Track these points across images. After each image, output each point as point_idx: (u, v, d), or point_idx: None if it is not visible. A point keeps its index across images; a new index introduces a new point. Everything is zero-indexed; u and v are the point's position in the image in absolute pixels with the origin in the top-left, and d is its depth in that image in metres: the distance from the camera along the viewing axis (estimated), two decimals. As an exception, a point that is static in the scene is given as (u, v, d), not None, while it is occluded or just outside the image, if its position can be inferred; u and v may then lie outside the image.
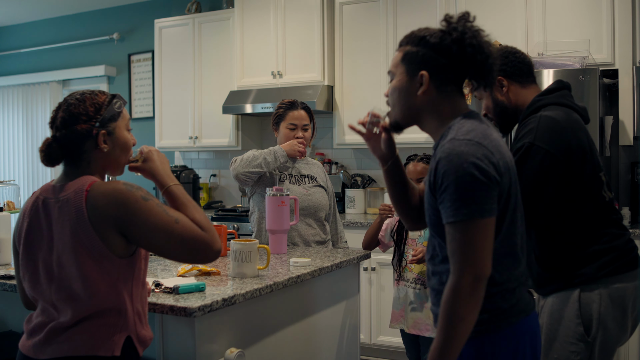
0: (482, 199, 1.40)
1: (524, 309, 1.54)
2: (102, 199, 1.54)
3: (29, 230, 1.63)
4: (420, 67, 1.54)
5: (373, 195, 4.71)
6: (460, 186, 1.40)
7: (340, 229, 3.20)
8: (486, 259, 1.41)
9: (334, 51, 4.65)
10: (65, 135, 1.61)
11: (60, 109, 1.64)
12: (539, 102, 2.03)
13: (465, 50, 1.50)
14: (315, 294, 2.42)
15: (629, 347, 3.47)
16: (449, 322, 1.41)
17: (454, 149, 1.43)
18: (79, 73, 6.31)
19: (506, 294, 1.51)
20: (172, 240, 1.55)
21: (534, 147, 1.90)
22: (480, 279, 1.41)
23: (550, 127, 1.93)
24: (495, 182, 1.43)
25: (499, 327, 1.50)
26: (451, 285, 1.42)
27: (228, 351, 1.89)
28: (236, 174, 2.88)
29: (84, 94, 1.65)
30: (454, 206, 1.41)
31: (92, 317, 1.56)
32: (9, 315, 2.29)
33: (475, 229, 1.40)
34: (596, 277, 1.96)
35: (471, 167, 1.40)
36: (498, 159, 1.45)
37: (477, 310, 1.42)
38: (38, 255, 1.61)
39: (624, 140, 3.78)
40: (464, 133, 1.47)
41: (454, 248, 1.43)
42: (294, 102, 3.04)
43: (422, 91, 1.55)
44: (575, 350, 1.96)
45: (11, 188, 4.12)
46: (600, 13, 3.77)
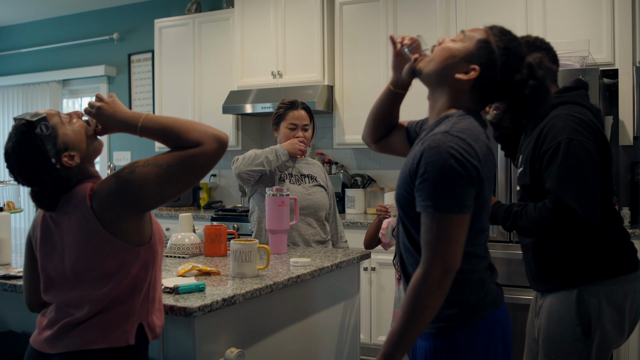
0: (463, 196, 1.44)
1: (492, 302, 1.58)
2: (105, 198, 1.55)
3: (42, 240, 1.65)
4: (480, 62, 1.54)
5: (373, 195, 4.71)
6: (444, 180, 1.43)
7: (340, 229, 3.20)
8: (457, 253, 1.45)
9: (334, 51, 4.65)
10: (39, 185, 1.59)
11: (13, 167, 1.59)
12: (556, 99, 2.03)
13: (521, 89, 1.53)
14: (315, 294, 2.42)
15: (629, 347, 3.47)
16: (413, 310, 1.44)
17: (445, 143, 1.45)
18: (79, 73, 6.31)
19: (473, 287, 1.56)
20: (179, 180, 1.53)
21: (573, 141, 1.90)
22: (450, 271, 1.44)
23: (580, 124, 1.94)
24: (476, 183, 1.47)
25: (470, 321, 1.54)
26: (420, 273, 1.45)
27: (228, 351, 1.89)
28: (238, 173, 2.88)
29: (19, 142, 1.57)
30: (435, 197, 1.44)
31: (105, 310, 1.57)
32: (9, 315, 2.29)
33: (452, 223, 1.44)
34: (595, 278, 1.97)
35: (457, 164, 1.43)
36: (483, 165, 1.48)
37: (440, 301, 1.45)
38: (49, 265, 1.63)
39: (624, 140, 3.78)
40: (459, 130, 1.48)
41: (428, 238, 1.45)
42: (294, 102, 3.04)
43: (459, 76, 1.55)
44: (573, 350, 1.96)
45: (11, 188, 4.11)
46: (600, 13, 3.78)
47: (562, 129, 1.92)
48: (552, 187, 1.89)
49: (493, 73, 1.53)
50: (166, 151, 1.57)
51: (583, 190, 1.86)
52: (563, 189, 1.87)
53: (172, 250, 2.66)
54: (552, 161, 1.91)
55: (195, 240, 2.69)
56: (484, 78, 1.54)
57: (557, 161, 1.89)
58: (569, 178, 1.87)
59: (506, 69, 1.53)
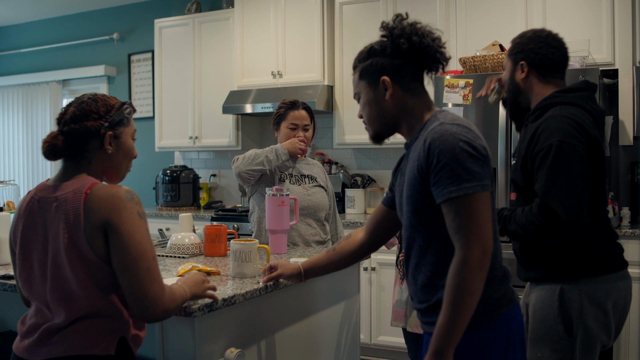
0: (480, 174, 1.46)
1: (511, 298, 1.60)
2: (99, 202, 1.53)
3: (24, 230, 1.62)
4: (379, 75, 1.63)
5: (373, 195, 4.71)
6: (460, 162, 1.45)
7: (340, 229, 3.20)
8: (490, 232, 1.46)
9: (334, 51, 4.65)
10: (73, 130, 1.62)
11: (72, 105, 1.66)
12: (557, 98, 2.03)
13: (412, 41, 1.58)
14: (315, 294, 2.42)
15: (629, 347, 3.47)
16: (459, 296, 1.43)
17: (447, 130, 1.49)
18: (79, 73, 6.31)
19: (495, 283, 1.55)
20: (139, 269, 1.51)
21: (565, 144, 1.90)
22: (488, 251, 1.45)
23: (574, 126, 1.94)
24: (488, 160, 1.51)
25: (493, 318, 1.54)
26: (460, 259, 1.44)
27: (228, 351, 1.89)
28: (239, 172, 2.88)
29: (97, 95, 1.67)
30: (455, 182, 1.45)
31: (85, 318, 1.55)
32: (9, 315, 2.29)
33: (478, 202, 1.45)
34: (576, 276, 1.98)
35: (466, 145, 1.47)
36: (483, 143, 1.53)
37: (483, 284, 1.45)
38: (33, 255, 1.60)
39: (624, 140, 3.78)
40: (451, 119, 1.54)
41: (458, 224, 1.45)
42: (295, 102, 3.04)
43: (389, 95, 1.62)
44: (557, 348, 1.98)
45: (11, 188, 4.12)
46: (600, 13, 3.78)
47: (556, 130, 1.92)
48: (539, 189, 1.90)
49: (390, 64, 1.62)
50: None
51: (569, 195, 1.86)
52: (549, 193, 1.88)
53: (172, 250, 2.66)
54: (543, 164, 1.91)
55: (195, 240, 2.69)
56: (394, 73, 1.61)
57: (546, 164, 1.90)
58: (557, 182, 1.87)
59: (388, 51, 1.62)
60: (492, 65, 3.75)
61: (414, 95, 1.63)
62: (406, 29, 1.60)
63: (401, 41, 1.58)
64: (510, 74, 2.14)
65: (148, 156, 5.74)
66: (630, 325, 3.45)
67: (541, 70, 2.08)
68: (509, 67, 2.15)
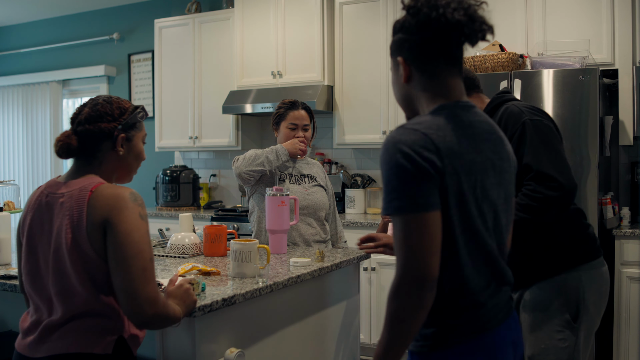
0: (414, 192, 1.25)
1: (480, 327, 1.36)
2: (102, 201, 1.55)
3: (31, 224, 1.64)
4: (397, 55, 1.42)
5: (373, 195, 4.71)
6: (392, 177, 1.27)
7: (340, 229, 3.20)
8: (425, 259, 1.25)
9: (334, 51, 4.65)
10: (87, 130, 1.65)
11: (87, 106, 1.68)
12: (499, 99, 2.17)
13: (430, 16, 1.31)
14: (316, 294, 2.42)
15: (629, 347, 3.48)
16: (390, 322, 1.31)
17: (393, 137, 1.29)
18: (79, 73, 6.31)
19: (455, 310, 1.35)
20: (134, 267, 1.51)
21: (535, 120, 2.02)
22: (421, 280, 1.26)
23: (533, 109, 2.09)
24: (434, 177, 1.27)
25: (446, 345, 1.35)
26: (392, 284, 1.30)
27: (228, 351, 1.89)
28: (239, 173, 2.88)
29: (111, 97, 1.71)
30: (387, 198, 1.29)
31: (83, 317, 1.57)
32: (9, 315, 2.30)
33: (409, 224, 1.26)
34: (576, 264, 2.05)
35: (402, 158, 1.26)
36: (445, 154, 1.28)
37: (420, 312, 1.28)
38: (38, 248, 1.63)
39: (623, 140, 3.78)
40: (415, 122, 1.33)
41: (394, 245, 1.30)
42: (294, 102, 3.04)
43: (403, 77, 1.41)
44: (563, 337, 2.02)
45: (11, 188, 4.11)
46: (600, 13, 3.77)
47: (520, 113, 2.05)
48: (530, 163, 1.97)
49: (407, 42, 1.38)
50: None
51: (557, 160, 1.96)
52: (541, 162, 1.95)
53: (172, 250, 2.66)
54: (522, 142, 2.00)
55: (195, 240, 2.69)
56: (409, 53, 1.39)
57: (526, 141, 1.99)
58: (542, 151, 1.97)
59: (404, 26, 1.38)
60: (492, 65, 3.75)
61: (432, 78, 1.38)
62: (431, 0, 1.31)
63: (421, 14, 1.32)
64: None
65: (148, 156, 5.68)
66: (631, 325, 3.45)
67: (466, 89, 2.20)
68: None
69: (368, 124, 4.52)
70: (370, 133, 4.52)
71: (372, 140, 4.52)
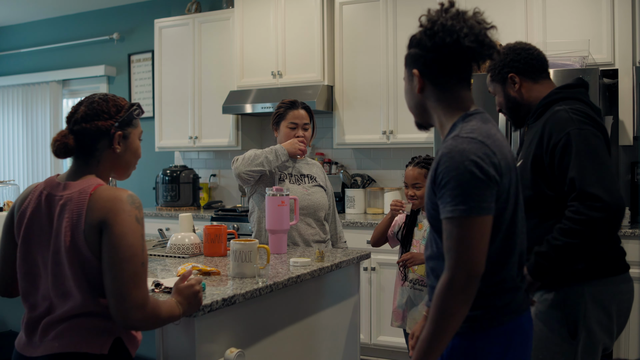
0: (480, 197, 1.42)
1: (516, 309, 1.56)
2: (100, 202, 1.55)
3: (29, 224, 1.64)
4: (412, 67, 1.59)
5: (373, 195, 4.71)
6: (460, 183, 1.42)
7: (339, 229, 3.20)
8: (480, 257, 1.42)
9: (334, 51, 4.65)
10: (84, 129, 1.64)
11: (83, 104, 1.68)
12: (558, 94, 2.03)
13: (445, 41, 1.49)
14: (316, 294, 2.42)
15: (629, 347, 3.47)
16: (439, 317, 1.43)
17: (456, 146, 1.45)
18: (79, 73, 6.31)
19: (500, 294, 1.54)
20: (125, 271, 1.51)
21: (583, 131, 1.88)
22: (473, 277, 1.42)
23: (585, 117, 1.93)
24: (495, 182, 1.44)
25: (491, 325, 1.52)
26: (444, 280, 1.43)
27: (228, 351, 1.89)
28: (238, 173, 2.88)
29: (107, 95, 1.70)
30: (452, 202, 1.42)
31: (80, 316, 1.57)
32: (9, 315, 2.30)
33: (472, 226, 1.41)
34: (581, 279, 1.96)
35: (471, 165, 1.42)
36: (499, 160, 1.47)
37: (467, 307, 1.43)
38: (37, 250, 1.62)
39: (623, 140, 3.78)
40: (468, 131, 1.48)
41: (449, 244, 1.44)
42: (294, 102, 3.05)
43: (417, 89, 1.58)
44: (559, 351, 1.96)
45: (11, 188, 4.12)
46: (600, 13, 3.77)
47: (569, 120, 1.91)
48: (574, 179, 1.85)
49: (422, 57, 1.54)
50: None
51: (604, 175, 1.83)
52: (585, 178, 1.83)
53: (172, 250, 2.66)
54: (566, 153, 1.87)
55: (195, 240, 2.69)
56: (424, 67, 1.55)
57: (571, 153, 1.86)
58: (588, 165, 1.84)
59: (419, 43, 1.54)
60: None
61: (444, 91, 1.56)
62: (446, 25, 1.48)
63: (437, 37, 1.50)
64: (504, 94, 2.12)
65: (148, 156, 5.73)
66: (630, 326, 3.45)
67: (531, 74, 2.08)
68: (498, 89, 2.13)
69: (368, 124, 4.52)
70: (370, 133, 4.52)
71: (372, 140, 4.52)
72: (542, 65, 2.10)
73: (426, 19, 1.54)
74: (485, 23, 1.52)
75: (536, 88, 2.08)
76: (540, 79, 2.09)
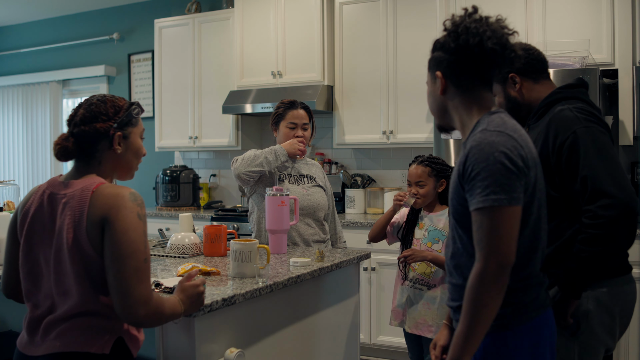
0: (510, 187, 1.44)
1: (542, 304, 1.59)
2: (102, 200, 1.56)
3: (31, 223, 1.64)
4: (435, 69, 1.63)
5: (373, 195, 4.71)
6: (490, 174, 1.44)
7: (339, 230, 3.20)
8: (511, 247, 1.44)
9: (334, 51, 4.65)
10: (83, 131, 1.65)
11: (82, 107, 1.68)
12: (559, 94, 2.03)
13: (469, 43, 1.54)
14: (315, 294, 2.42)
15: (629, 347, 3.47)
16: (473, 308, 1.45)
17: (486, 139, 1.48)
18: (79, 73, 6.31)
19: (527, 289, 1.56)
20: (127, 266, 1.51)
21: (590, 128, 1.88)
22: (505, 266, 1.43)
23: (589, 115, 1.92)
24: (523, 174, 1.47)
25: (521, 322, 1.53)
26: (476, 271, 1.45)
27: (228, 351, 1.89)
28: (238, 174, 2.88)
29: (105, 97, 1.70)
30: (483, 193, 1.44)
31: (81, 316, 1.57)
32: (9, 315, 2.30)
33: (503, 216, 1.43)
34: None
35: (501, 156, 1.45)
36: (526, 153, 1.50)
37: (500, 297, 1.45)
38: (39, 249, 1.62)
39: (623, 140, 3.78)
40: (496, 125, 1.51)
41: (480, 235, 1.45)
42: (293, 102, 3.05)
43: (440, 90, 1.62)
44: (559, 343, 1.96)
45: (11, 188, 4.11)
46: (600, 13, 3.78)
47: (574, 119, 1.91)
48: (587, 174, 1.84)
49: (445, 60, 1.59)
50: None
51: (615, 173, 1.83)
52: (597, 176, 1.83)
53: (172, 250, 2.66)
54: (574, 151, 1.87)
55: (195, 240, 2.69)
56: (448, 70, 1.60)
57: (579, 150, 1.86)
58: (598, 163, 1.84)
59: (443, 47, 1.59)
60: (492, 65, 3.75)
61: (466, 92, 1.60)
62: (470, 27, 1.54)
63: (461, 39, 1.55)
64: (504, 94, 2.12)
65: (148, 156, 5.67)
66: (631, 326, 3.45)
67: (531, 74, 2.08)
68: (499, 90, 2.12)
69: (368, 124, 4.52)
70: (370, 133, 4.52)
71: (372, 140, 4.52)
72: (543, 65, 2.11)
73: (450, 23, 1.59)
74: (507, 28, 1.58)
75: (537, 88, 2.09)
76: (540, 79, 2.10)
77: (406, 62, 4.35)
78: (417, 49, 4.28)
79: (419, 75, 4.28)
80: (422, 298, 2.75)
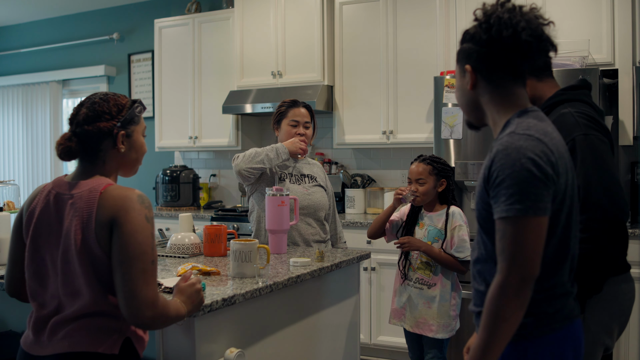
0: (537, 197, 1.35)
1: (568, 315, 1.50)
2: (110, 201, 1.56)
3: (38, 224, 1.64)
4: (465, 62, 1.53)
5: (373, 195, 4.71)
6: (516, 181, 1.35)
7: (339, 229, 3.20)
8: (535, 260, 1.36)
9: (334, 51, 4.65)
10: (86, 131, 1.64)
11: (84, 105, 1.67)
12: (562, 96, 2.02)
13: (502, 34, 1.44)
14: (315, 294, 2.42)
15: (629, 347, 3.47)
16: (493, 322, 1.37)
17: (513, 143, 1.39)
18: (79, 73, 6.31)
19: (552, 300, 1.47)
20: (134, 268, 1.51)
21: (589, 136, 1.86)
22: (527, 280, 1.35)
23: (590, 120, 1.91)
24: (552, 181, 1.38)
25: (543, 332, 1.46)
26: (497, 284, 1.37)
27: (228, 351, 1.89)
28: (239, 170, 2.88)
29: (108, 95, 1.69)
30: (507, 201, 1.36)
31: (90, 316, 1.57)
32: (9, 315, 2.29)
33: (528, 227, 1.35)
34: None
35: (529, 163, 1.36)
36: (557, 158, 1.41)
37: (522, 312, 1.37)
38: (46, 249, 1.62)
39: (623, 140, 3.78)
40: (524, 128, 1.42)
41: (503, 245, 1.37)
42: (295, 101, 3.07)
43: (470, 85, 1.53)
44: None
45: (11, 188, 4.11)
46: (600, 13, 3.78)
47: (575, 125, 1.90)
48: (581, 184, 1.82)
49: (476, 52, 1.49)
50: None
51: (609, 185, 1.82)
52: (590, 186, 1.82)
53: (172, 250, 2.66)
54: (571, 158, 1.88)
55: (195, 240, 2.69)
56: (478, 63, 1.50)
57: (576, 158, 1.84)
58: (593, 173, 1.83)
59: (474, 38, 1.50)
60: (492, 65, 3.75)
61: (498, 88, 1.50)
62: (503, 18, 1.43)
63: (493, 30, 1.44)
64: None
65: (148, 156, 5.67)
66: (630, 326, 3.45)
67: (535, 71, 2.07)
68: None
69: (368, 124, 4.52)
70: (370, 133, 4.52)
71: (372, 140, 4.52)
72: (546, 63, 2.10)
73: (481, 13, 1.49)
74: (542, 18, 1.47)
75: (540, 86, 2.08)
76: (544, 77, 2.08)
77: (406, 62, 4.35)
78: (417, 49, 4.28)
79: (419, 75, 4.29)
80: (422, 297, 2.76)
